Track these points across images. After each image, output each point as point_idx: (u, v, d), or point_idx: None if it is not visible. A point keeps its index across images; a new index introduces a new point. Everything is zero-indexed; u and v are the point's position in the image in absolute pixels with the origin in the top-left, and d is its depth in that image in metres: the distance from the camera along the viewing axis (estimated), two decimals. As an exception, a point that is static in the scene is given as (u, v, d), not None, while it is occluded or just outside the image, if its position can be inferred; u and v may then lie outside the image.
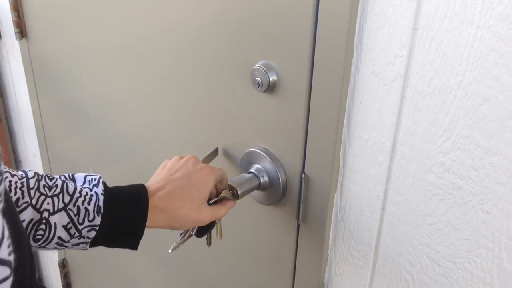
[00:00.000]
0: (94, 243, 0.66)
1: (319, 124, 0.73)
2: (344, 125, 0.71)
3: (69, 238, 0.63)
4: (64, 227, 0.63)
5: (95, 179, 0.67)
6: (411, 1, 0.58)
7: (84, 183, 0.67)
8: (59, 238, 0.63)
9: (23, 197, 0.61)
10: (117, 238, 0.67)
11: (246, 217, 0.92)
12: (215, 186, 0.77)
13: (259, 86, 0.77)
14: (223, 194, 0.77)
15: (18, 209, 0.60)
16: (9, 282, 0.40)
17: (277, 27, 0.73)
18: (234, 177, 0.81)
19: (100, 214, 0.64)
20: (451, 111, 0.59)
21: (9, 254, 0.39)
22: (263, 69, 0.76)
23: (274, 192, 0.82)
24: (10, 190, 0.60)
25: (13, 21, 1.42)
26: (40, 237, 0.62)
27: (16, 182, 0.61)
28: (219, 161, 0.92)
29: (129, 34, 1.04)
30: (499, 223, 0.59)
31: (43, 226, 0.62)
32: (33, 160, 1.75)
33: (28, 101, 1.58)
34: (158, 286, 1.31)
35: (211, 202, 0.76)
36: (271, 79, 0.76)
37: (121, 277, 1.48)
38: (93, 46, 1.17)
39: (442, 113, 0.60)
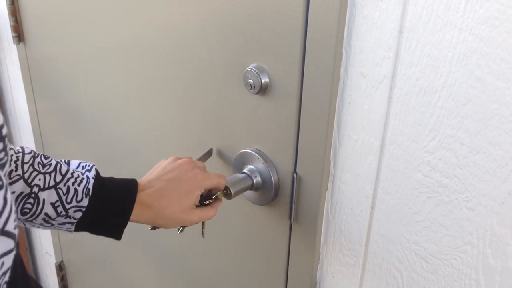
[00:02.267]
0: (79, 226, 0.67)
1: (310, 125, 0.74)
2: (334, 126, 0.73)
3: (55, 215, 0.64)
4: (52, 204, 0.64)
5: (88, 165, 0.70)
6: (397, 5, 0.60)
7: (77, 167, 0.69)
8: (46, 214, 0.64)
9: (16, 170, 0.62)
10: (102, 224, 0.68)
11: (239, 217, 0.94)
12: (210, 190, 0.78)
13: (251, 88, 0.79)
14: (217, 195, 0.78)
15: (10, 181, 0.62)
16: (12, 255, 0.41)
17: (268, 30, 0.75)
18: (227, 177, 0.83)
19: (88, 196, 0.66)
20: (436, 111, 0.61)
21: (15, 228, 0.41)
22: (255, 71, 0.78)
23: (267, 192, 0.84)
24: (10, 165, 0.61)
25: (10, 25, 1.44)
26: (27, 210, 0.63)
27: (11, 155, 0.63)
28: (213, 162, 0.94)
29: (124, 38, 1.06)
30: (484, 220, 0.60)
31: (31, 200, 0.63)
32: (30, 163, 1.76)
33: (26, 105, 1.59)
34: (154, 288, 1.33)
35: (206, 202, 0.77)
36: (263, 81, 0.78)
37: (118, 280, 1.49)
38: (90, 50, 1.19)
39: (428, 113, 0.62)
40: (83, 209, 0.66)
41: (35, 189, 0.63)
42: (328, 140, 0.74)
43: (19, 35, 1.45)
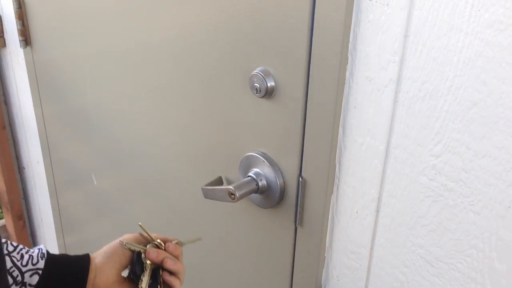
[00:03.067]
0: None
1: (316, 128, 0.75)
2: (339, 129, 0.73)
3: (11, 281, 0.63)
4: (7, 271, 0.63)
5: (36, 247, 0.70)
6: (402, 9, 0.61)
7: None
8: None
9: None
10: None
11: (244, 220, 0.94)
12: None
13: (257, 91, 0.79)
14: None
15: None
16: None
17: (274, 34, 0.75)
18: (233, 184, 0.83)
19: (44, 258, 0.66)
20: (441, 115, 0.61)
21: None
22: (261, 75, 0.78)
23: (272, 195, 0.84)
24: None
25: (17, 29, 1.45)
26: None
27: None
28: (219, 166, 0.94)
29: (131, 42, 1.06)
30: (489, 224, 0.60)
31: None
32: (36, 166, 1.77)
33: (32, 108, 1.60)
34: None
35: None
36: (269, 84, 0.78)
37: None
38: (97, 53, 1.20)
39: (433, 117, 0.62)
40: (40, 271, 0.65)
41: None
42: (334, 143, 0.74)
43: (26, 38, 1.46)
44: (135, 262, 0.73)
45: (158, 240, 0.76)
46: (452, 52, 0.58)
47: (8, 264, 0.64)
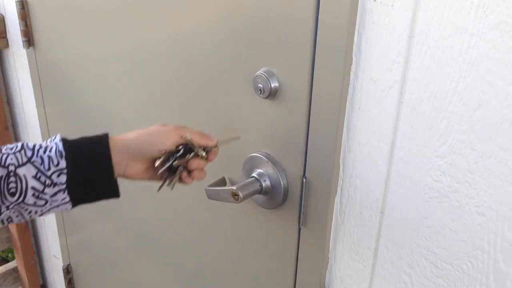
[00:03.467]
0: (73, 196, 0.67)
1: (320, 129, 0.75)
2: (343, 130, 0.73)
3: (42, 187, 0.65)
4: (34, 177, 0.65)
5: (53, 136, 0.70)
6: (407, 9, 0.60)
7: (43, 142, 0.70)
8: (33, 188, 0.65)
9: None
10: (92, 182, 0.68)
11: (248, 220, 0.94)
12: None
13: (261, 92, 0.79)
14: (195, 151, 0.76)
15: None
16: None
17: (278, 34, 0.75)
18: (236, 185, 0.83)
19: (63, 157, 0.66)
20: (446, 116, 0.61)
21: None
22: (265, 75, 0.78)
23: (276, 196, 0.84)
24: None
25: (21, 30, 1.45)
26: (14, 190, 0.64)
27: None
28: (222, 166, 0.94)
29: (134, 43, 1.06)
30: (494, 225, 0.60)
31: (12, 179, 0.64)
32: (38, 167, 1.77)
33: (35, 109, 1.60)
34: (161, 291, 1.33)
35: (175, 163, 0.75)
36: (272, 85, 0.78)
37: (125, 284, 1.49)
38: (99, 54, 1.20)
39: (438, 118, 0.62)
40: (64, 171, 0.66)
41: (11, 167, 0.64)
42: (338, 144, 0.74)
43: (29, 39, 1.46)
44: (178, 157, 0.74)
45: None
46: (458, 53, 0.57)
47: (33, 170, 0.65)
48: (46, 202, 0.67)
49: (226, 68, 0.86)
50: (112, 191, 0.71)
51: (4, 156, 0.65)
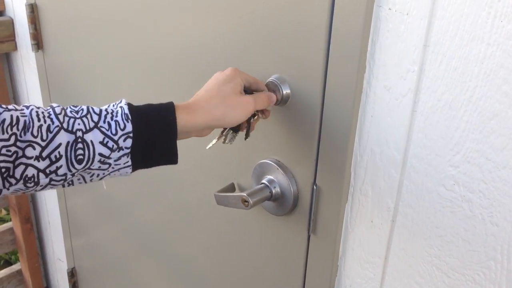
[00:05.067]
0: (135, 159, 0.66)
1: (331, 137, 0.74)
2: (355, 138, 0.73)
3: (109, 152, 0.64)
4: (101, 142, 0.64)
5: (118, 101, 0.70)
6: (422, 18, 0.60)
7: (108, 106, 0.69)
8: (100, 154, 0.64)
9: (53, 123, 0.62)
10: (154, 148, 0.67)
11: (257, 227, 0.94)
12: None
13: (272, 99, 0.79)
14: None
15: (51, 134, 0.62)
16: None
17: (291, 41, 0.75)
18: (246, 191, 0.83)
19: (129, 120, 0.66)
20: (461, 125, 0.61)
21: None
22: (276, 82, 0.78)
23: (286, 203, 0.84)
24: (39, 119, 0.62)
25: (30, 33, 1.46)
26: (81, 156, 0.63)
27: (43, 112, 0.63)
28: (232, 172, 0.94)
29: (144, 48, 1.07)
30: (508, 236, 0.60)
31: (80, 145, 0.63)
32: (44, 169, 1.77)
33: (42, 112, 1.60)
34: (166, 296, 1.33)
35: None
36: (284, 92, 0.78)
37: (130, 287, 1.49)
38: (108, 58, 1.20)
39: (453, 127, 0.61)
40: (131, 134, 0.65)
41: (79, 133, 0.63)
42: (349, 152, 0.74)
43: (38, 42, 1.47)
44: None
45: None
46: (473, 62, 0.57)
47: (100, 136, 0.64)
48: (109, 165, 0.66)
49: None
50: (171, 157, 0.70)
51: (72, 121, 0.64)
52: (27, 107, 0.63)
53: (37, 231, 1.98)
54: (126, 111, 0.66)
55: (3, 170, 0.59)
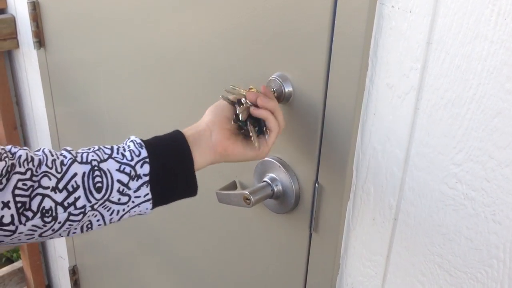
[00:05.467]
0: (154, 191, 0.66)
1: (333, 134, 0.74)
2: (358, 136, 0.73)
3: (127, 179, 0.64)
4: (118, 170, 0.64)
5: (126, 139, 0.70)
6: (425, 16, 0.60)
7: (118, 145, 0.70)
8: (119, 181, 0.63)
9: (65, 157, 0.62)
10: (173, 177, 0.67)
11: (259, 225, 0.93)
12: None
13: (274, 96, 0.79)
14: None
15: (65, 167, 0.61)
16: None
17: (293, 39, 0.75)
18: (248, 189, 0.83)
19: (143, 147, 0.66)
20: (464, 123, 0.60)
21: None
22: (278, 80, 0.78)
23: (287, 201, 0.84)
24: (52, 155, 0.62)
25: (32, 31, 1.46)
26: (100, 184, 0.62)
27: (55, 151, 0.63)
28: (233, 170, 0.94)
29: (146, 45, 1.06)
30: (511, 234, 0.60)
31: (97, 173, 0.63)
32: (46, 167, 1.77)
33: (44, 109, 1.60)
34: (168, 294, 1.33)
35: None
36: (286, 90, 0.78)
37: (131, 285, 1.49)
38: (110, 56, 1.20)
39: (455, 125, 0.61)
40: (147, 159, 0.65)
41: (95, 163, 0.63)
42: (351, 150, 0.74)
43: (40, 40, 1.47)
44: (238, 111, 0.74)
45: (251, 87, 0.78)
46: (477, 60, 0.57)
47: (115, 165, 0.64)
48: (129, 198, 0.65)
49: (239, 72, 0.86)
50: (191, 187, 0.70)
51: (85, 155, 0.64)
52: (39, 150, 0.64)
53: (38, 229, 1.98)
54: (139, 141, 0.67)
55: (19, 205, 0.58)
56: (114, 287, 1.61)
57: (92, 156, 0.64)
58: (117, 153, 0.65)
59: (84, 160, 0.63)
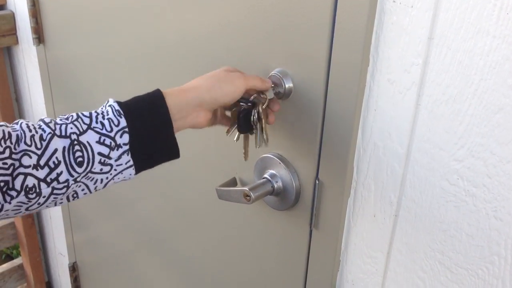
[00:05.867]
0: (135, 157, 0.66)
1: (334, 130, 0.74)
2: (358, 132, 0.73)
3: (108, 150, 0.63)
4: (98, 142, 0.63)
5: (106, 102, 0.69)
6: (427, 11, 0.60)
7: (97, 109, 0.69)
8: (100, 154, 0.63)
9: (44, 131, 0.62)
10: (153, 142, 0.67)
11: (259, 222, 0.93)
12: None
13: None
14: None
15: (45, 142, 0.61)
16: None
17: (294, 34, 0.74)
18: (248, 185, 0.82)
19: (122, 116, 0.65)
20: (465, 119, 0.60)
21: None
22: (279, 76, 0.77)
23: (288, 197, 0.83)
24: (30, 130, 0.61)
25: (31, 27, 1.45)
26: (81, 158, 0.62)
27: (33, 124, 0.63)
28: (233, 166, 0.94)
29: (146, 41, 1.06)
30: (512, 230, 0.59)
31: (77, 147, 0.62)
32: (46, 164, 1.77)
33: (43, 106, 1.60)
34: (168, 291, 1.32)
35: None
36: (287, 86, 0.77)
37: (132, 282, 1.49)
38: (110, 52, 1.20)
39: (457, 121, 0.61)
40: (126, 129, 0.65)
41: (74, 136, 0.62)
42: (352, 146, 0.73)
43: (39, 36, 1.46)
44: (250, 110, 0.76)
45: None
46: (479, 55, 0.57)
47: (95, 136, 0.63)
48: (111, 167, 0.65)
49: (240, 68, 0.86)
50: (172, 151, 0.69)
51: (63, 127, 0.63)
52: (17, 123, 0.63)
53: (38, 226, 1.98)
54: (117, 107, 0.66)
55: (1, 184, 0.58)
56: (114, 284, 1.61)
57: (71, 128, 0.63)
58: (96, 122, 0.65)
59: (63, 133, 0.62)
